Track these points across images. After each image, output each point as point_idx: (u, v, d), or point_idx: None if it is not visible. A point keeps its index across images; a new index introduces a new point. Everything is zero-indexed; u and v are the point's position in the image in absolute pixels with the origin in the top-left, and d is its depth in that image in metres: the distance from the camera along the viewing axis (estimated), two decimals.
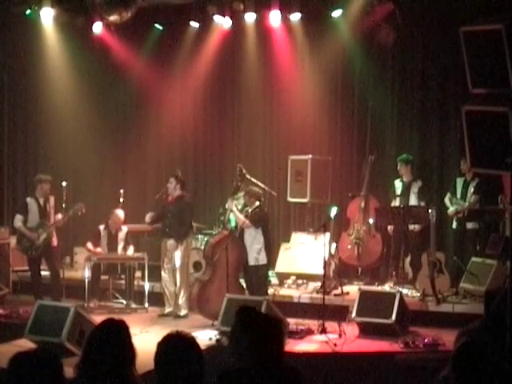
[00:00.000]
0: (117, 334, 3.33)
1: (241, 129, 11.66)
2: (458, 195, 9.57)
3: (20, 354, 3.05)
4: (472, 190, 9.44)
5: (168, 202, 9.45)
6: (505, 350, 3.61)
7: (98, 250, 9.98)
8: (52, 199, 9.77)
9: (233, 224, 9.45)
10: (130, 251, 10.06)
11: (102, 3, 10.27)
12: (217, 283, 8.60)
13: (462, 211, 9.46)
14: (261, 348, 3.36)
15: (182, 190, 9.37)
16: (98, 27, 10.96)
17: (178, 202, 9.30)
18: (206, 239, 9.85)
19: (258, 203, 8.95)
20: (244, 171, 9.08)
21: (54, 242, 9.76)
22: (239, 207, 9.16)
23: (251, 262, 8.73)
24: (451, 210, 9.57)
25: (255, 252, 8.73)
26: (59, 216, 9.71)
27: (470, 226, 9.46)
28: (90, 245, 10.04)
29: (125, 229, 10.14)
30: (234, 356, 3.41)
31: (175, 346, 3.20)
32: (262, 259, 8.78)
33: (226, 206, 9.08)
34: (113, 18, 10.35)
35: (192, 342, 3.24)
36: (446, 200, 9.66)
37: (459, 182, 9.62)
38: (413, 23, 10.12)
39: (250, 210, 8.86)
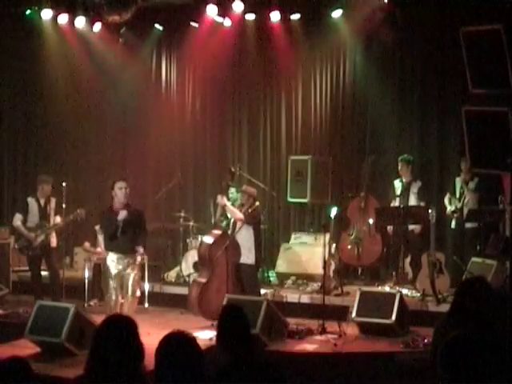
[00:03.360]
0: (123, 329, 3.32)
1: (241, 129, 11.66)
2: (457, 195, 9.58)
3: None
4: (472, 189, 9.43)
5: (116, 212, 8.05)
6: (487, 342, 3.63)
7: (98, 249, 9.98)
8: (53, 201, 9.75)
9: (225, 222, 9.31)
10: None
11: (102, 3, 10.29)
12: (216, 284, 8.58)
13: (457, 211, 9.46)
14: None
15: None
16: (97, 27, 10.97)
17: (131, 211, 8.09)
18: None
19: (257, 203, 8.94)
20: (233, 170, 9.01)
21: (53, 242, 9.73)
22: (229, 203, 9.07)
23: (241, 261, 8.70)
24: (448, 209, 9.58)
25: (245, 251, 8.72)
26: (58, 219, 9.68)
27: (468, 225, 9.46)
28: (87, 245, 10.04)
29: None
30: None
31: (176, 345, 3.21)
32: (251, 259, 8.75)
33: (217, 201, 8.94)
34: (113, 18, 10.37)
35: (192, 341, 3.26)
36: (446, 200, 9.67)
37: (458, 181, 9.63)
38: (413, 23, 10.12)
39: (250, 210, 8.82)
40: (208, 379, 3.35)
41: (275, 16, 10.60)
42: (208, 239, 8.92)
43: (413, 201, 9.79)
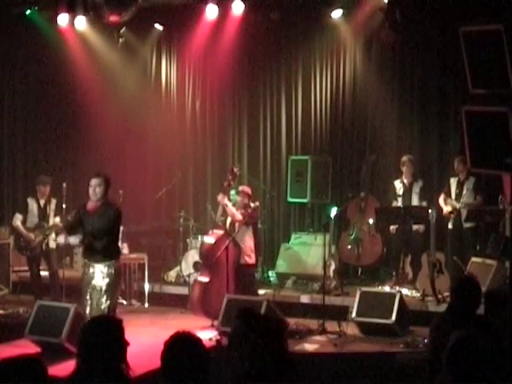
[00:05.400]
0: (105, 330, 3.39)
1: (241, 129, 11.65)
2: (453, 195, 9.55)
3: (4, 362, 3.03)
4: (469, 189, 9.40)
5: (90, 210, 6.86)
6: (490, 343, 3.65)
7: None
8: (54, 202, 9.74)
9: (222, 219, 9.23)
10: (125, 250, 10.05)
11: (102, 3, 10.29)
12: (218, 284, 8.54)
13: (454, 211, 9.43)
14: (263, 351, 3.39)
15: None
16: (97, 27, 10.98)
17: (104, 210, 6.86)
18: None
19: (257, 203, 8.95)
20: (236, 170, 9.00)
21: (53, 243, 9.71)
22: (230, 204, 9.06)
23: (242, 261, 8.70)
24: (445, 210, 9.55)
25: (248, 251, 8.71)
26: (57, 219, 9.68)
27: (467, 224, 9.44)
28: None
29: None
30: (237, 360, 3.44)
31: (182, 346, 3.22)
32: (252, 259, 8.76)
33: (218, 200, 8.91)
34: (113, 17, 10.37)
35: (198, 341, 3.27)
36: (441, 200, 9.63)
37: (453, 181, 9.61)
38: (413, 23, 10.12)
39: (249, 211, 8.81)
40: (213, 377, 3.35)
41: (276, 16, 10.60)
42: (209, 239, 8.90)
43: (415, 201, 9.77)
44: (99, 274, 6.77)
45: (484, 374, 3.17)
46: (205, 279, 8.73)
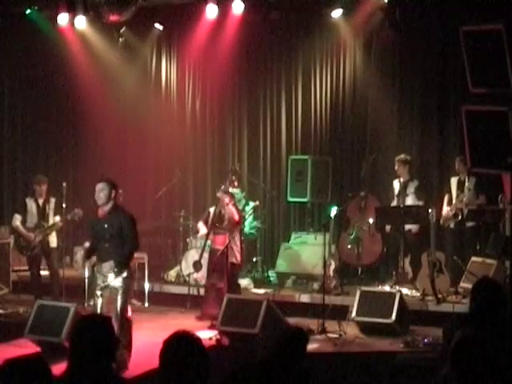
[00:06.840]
0: (95, 328, 3.39)
1: (241, 129, 11.65)
2: (454, 195, 9.54)
3: (10, 362, 3.02)
4: (471, 189, 9.40)
5: (100, 217, 6.99)
6: (493, 341, 3.64)
7: None
8: (53, 201, 9.75)
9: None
10: None
11: (102, 3, 10.29)
12: (226, 286, 8.48)
13: (460, 212, 9.42)
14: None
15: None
16: (97, 27, 10.98)
17: (113, 216, 6.88)
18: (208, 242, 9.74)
19: (257, 202, 8.95)
20: (239, 170, 8.98)
21: (53, 242, 9.71)
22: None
23: (231, 260, 8.71)
24: (449, 212, 9.52)
25: (235, 251, 8.73)
26: (57, 218, 9.68)
27: (467, 224, 9.43)
28: (87, 245, 10.01)
29: None
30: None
31: (181, 345, 3.22)
32: (237, 260, 8.78)
33: (218, 195, 8.89)
34: (113, 17, 10.37)
35: (198, 341, 3.27)
36: (445, 204, 9.62)
37: (454, 181, 9.60)
38: (413, 23, 10.12)
39: (250, 211, 8.82)
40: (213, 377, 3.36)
41: (276, 16, 10.60)
42: (219, 245, 8.86)
43: (410, 200, 9.76)
44: (112, 274, 6.72)
45: (487, 373, 3.17)
46: (220, 284, 8.67)
